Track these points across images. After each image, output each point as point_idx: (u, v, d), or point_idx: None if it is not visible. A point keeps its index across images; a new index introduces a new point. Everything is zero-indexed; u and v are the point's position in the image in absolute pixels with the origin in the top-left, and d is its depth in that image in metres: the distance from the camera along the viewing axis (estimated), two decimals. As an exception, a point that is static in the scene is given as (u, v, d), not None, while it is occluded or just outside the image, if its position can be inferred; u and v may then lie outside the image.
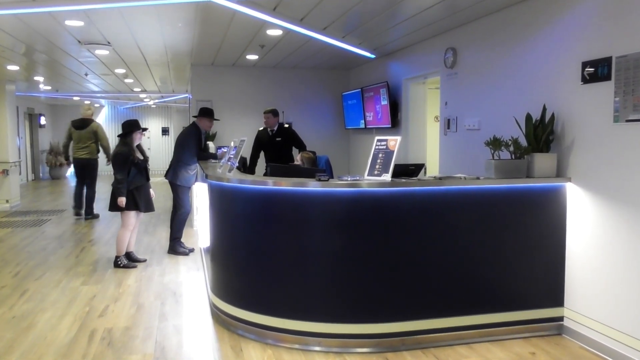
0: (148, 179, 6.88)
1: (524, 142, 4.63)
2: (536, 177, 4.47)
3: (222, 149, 7.59)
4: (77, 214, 10.63)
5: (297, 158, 6.73)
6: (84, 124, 10.70)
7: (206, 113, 7.41)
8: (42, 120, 20.13)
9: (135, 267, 6.73)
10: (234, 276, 4.66)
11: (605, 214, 4.16)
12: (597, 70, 4.15)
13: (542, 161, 4.48)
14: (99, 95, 17.71)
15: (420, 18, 6.13)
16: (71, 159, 10.76)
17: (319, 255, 4.24)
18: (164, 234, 8.64)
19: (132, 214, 6.72)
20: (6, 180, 12.13)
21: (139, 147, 6.88)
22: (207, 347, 4.32)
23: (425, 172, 7.47)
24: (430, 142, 8.19)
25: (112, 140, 21.04)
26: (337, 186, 4.15)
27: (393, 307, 4.25)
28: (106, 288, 5.88)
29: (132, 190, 6.61)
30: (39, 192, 15.59)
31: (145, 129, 7.07)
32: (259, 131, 8.44)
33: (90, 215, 10.57)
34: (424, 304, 4.31)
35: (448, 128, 6.65)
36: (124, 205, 6.50)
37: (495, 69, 5.59)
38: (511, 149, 4.59)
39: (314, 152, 7.01)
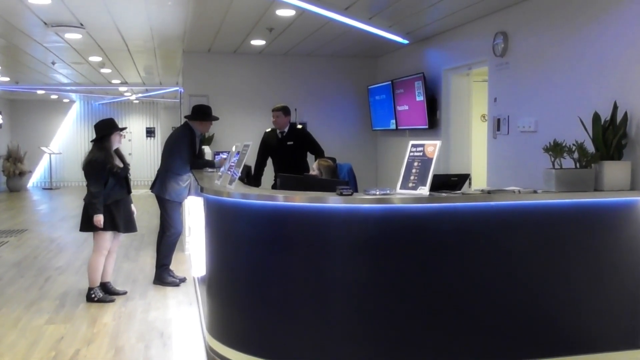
0: (129, 192, 6.94)
1: (590, 147, 4.68)
2: (606, 190, 4.51)
3: (221, 155, 7.60)
4: None
5: (313, 167, 6.77)
6: None
7: (201, 114, 7.42)
8: (-1, 119, 20.41)
9: (113, 301, 6.74)
10: (236, 312, 4.73)
11: (693, 236, 4.19)
12: (682, 60, 4.21)
13: (613, 171, 4.53)
14: (68, 88, 17.91)
15: (463, -5, 6.22)
16: None
17: (340, 287, 4.31)
18: (149, 260, 8.69)
19: (107, 236, 6.72)
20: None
21: (118, 152, 6.90)
22: (203, 399, 4.37)
23: (470, 185, 7.51)
24: (477, 147, 8.25)
25: (85, 146, 21.36)
26: (362, 202, 4.21)
27: (431, 350, 4.30)
28: (77, 328, 5.91)
29: (110, 205, 6.62)
30: (-6, 208, 15.78)
31: (123, 129, 7.09)
32: (266, 133, 8.53)
33: None
34: (469, 347, 4.35)
35: (498, 130, 6.71)
36: (101, 225, 6.53)
37: (555, 58, 5.65)
38: (575, 155, 4.63)
39: (333, 159, 7.04)
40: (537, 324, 4.46)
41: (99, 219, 6.50)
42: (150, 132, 23.65)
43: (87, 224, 6.63)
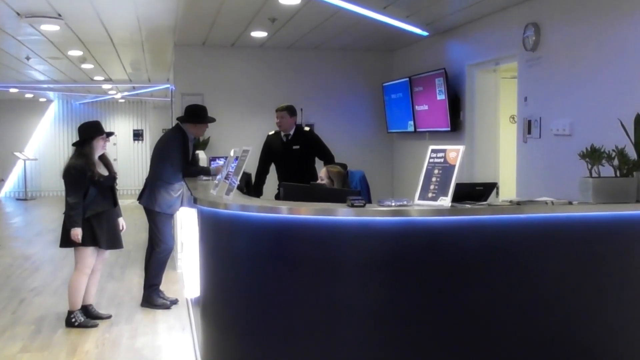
0: (115, 204, 6.97)
1: (632, 153, 4.68)
2: (650, 201, 4.52)
3: (218, 162, 7.63)
4: None
5: (321, 174, 6.78)
6: None
7: (195, 115, 7.42)
8: (-34, 121, 20.48)
9: (96, 325, 6.75)
10: (234, 338, 4.75)
11: None
12: None
13: (658, 180, 4.53)
14: (45, 86, 17.96)
15: (490, -18, 6.26)
16: None
17: (352, 309, 4.32)
18: (137, 280, 8.71)
19: (89, 252, 6.72)
20: None
21: (103, 159, 6.92)
22: None
23: (497, 195, 7.52)
24: (505, 152, 8.26)
25: (64, 151, 21.41)
26: (376, 214, 4.21)
27: (453, 382, 4.32)
28: (55, 356, 5.93)
29: (90, 218, 6.62)
30: (-39, 221, 15.84)
31: (110, 134, 7.11)
32: (269, 136, 8.56)
33: None
34: (496, 378, 4.37)
35: (529, 133, 6.73)
36: (79, 240, 6.54)
37: (593, 52, 5.67)
38: (615, 162, 4.63)
39: (344, 166, 7.07)
40: (572, 350, 4.46)
41: (77, 232, 6.49)
42: (137, 135, 23.64)
43: (66, 239, 6.62)
